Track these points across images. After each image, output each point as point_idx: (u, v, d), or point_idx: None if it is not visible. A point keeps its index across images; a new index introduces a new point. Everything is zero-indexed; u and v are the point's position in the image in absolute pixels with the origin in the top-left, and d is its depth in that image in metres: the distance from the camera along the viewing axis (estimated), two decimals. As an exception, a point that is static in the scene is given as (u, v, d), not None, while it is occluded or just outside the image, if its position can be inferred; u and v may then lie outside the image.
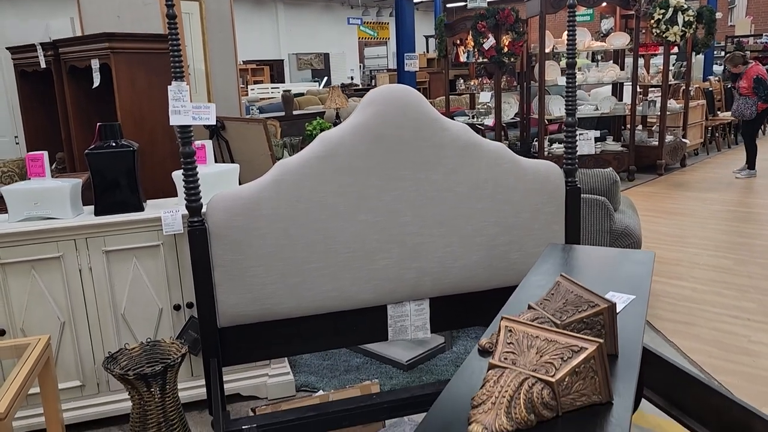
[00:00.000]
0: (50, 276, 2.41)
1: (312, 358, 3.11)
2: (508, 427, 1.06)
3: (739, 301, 3.54)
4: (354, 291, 2.38)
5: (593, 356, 1.14)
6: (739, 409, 1.92)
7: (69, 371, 2.49)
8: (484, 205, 2.49)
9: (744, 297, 3.60)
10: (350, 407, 2.20)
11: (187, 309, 2.59)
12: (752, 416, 1.88)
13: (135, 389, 1.98)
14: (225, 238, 2.21)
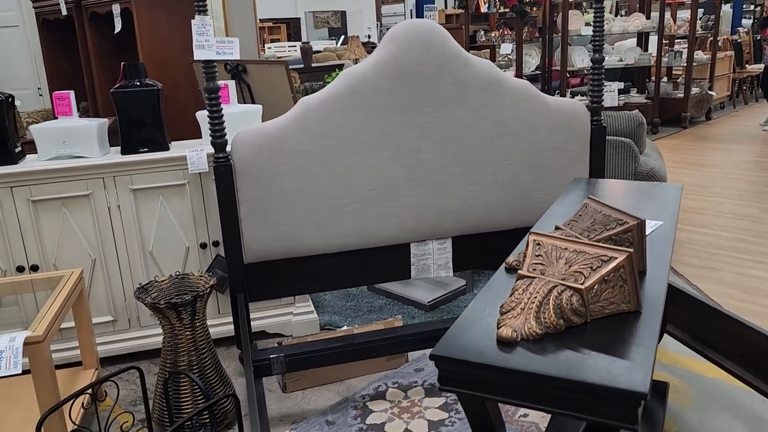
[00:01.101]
0: (80, 214, 2.46)
1: (335, 299, 3.16)
2: (537, 331, 1.08)
3: (764, 248, 3.51)
4: (377, 228, 2.40)
5: (623, 265, 1.14)
6: (765, 339, 1.93)
7: (101, 307, 2.56)
8: (508, 143, 2.47)
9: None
10: (375, 338, 2.24)
11: (213, 247, 2.63)
12: (777, 345, 1.88)
13: (166, 318, 2.03)
14: (250, 174, 2.23)
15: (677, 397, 2.21)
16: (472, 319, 1.16)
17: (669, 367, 2.40)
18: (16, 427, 1.95)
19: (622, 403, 0.92)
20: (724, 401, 2.18)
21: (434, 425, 2.12)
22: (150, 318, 2.63)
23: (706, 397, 2.21)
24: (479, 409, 1.08)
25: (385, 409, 2.22)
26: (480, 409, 1.07)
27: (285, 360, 2.16)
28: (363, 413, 2.20)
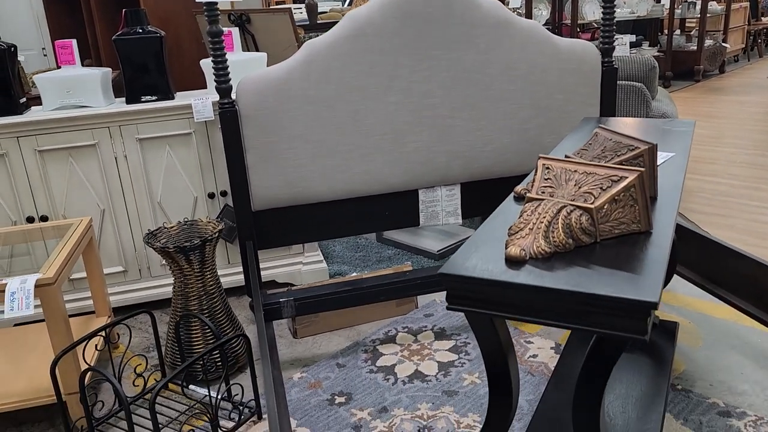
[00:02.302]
0: (87, 164, 2.46)
1: (344, 250, 3.16)
2: (546, 249, 1.07)
3: (777, 195, 3.47)
4: (385, 174, 2.38)
5: (633, 184, 1.12)
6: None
7: (111, 257, 2.58)
8: (517, 87, 2.43)
9: (782, 191, 3.52)
10: (384, 282, 2.25)
11: (221, 197, 2.63)
12: (789, 281, 1.86)
13: (175, 263, 2.04)
14: (256, 120, 2.21)
15: (686, 338, 2.21)
16: (480, 241, 1.15)
17: (678, 309, 2.40)
18: (31, 371, 1.98)
19: (633, 313, 0.91)
20: (733, 340, 2.18)
21: (444, 366, 2.13)
22: (161, 268, 2.65)
23: (715, 336, 2.21)
24: (488, 328, 1.07)
25: (395, 352, 2.23)
26: (489, 328, 1.07)
27: (295, 304, 2.18)
28: (373, 356, 2.22)
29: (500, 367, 1.10)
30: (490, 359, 1.10)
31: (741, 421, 1.78)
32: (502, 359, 1.09)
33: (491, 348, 1.11)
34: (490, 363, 1.11)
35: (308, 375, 2.14)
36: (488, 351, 1.12)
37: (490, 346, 1.10)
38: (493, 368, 1.11)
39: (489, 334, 1.08)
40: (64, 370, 1.82)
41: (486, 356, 1.11)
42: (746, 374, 1.99)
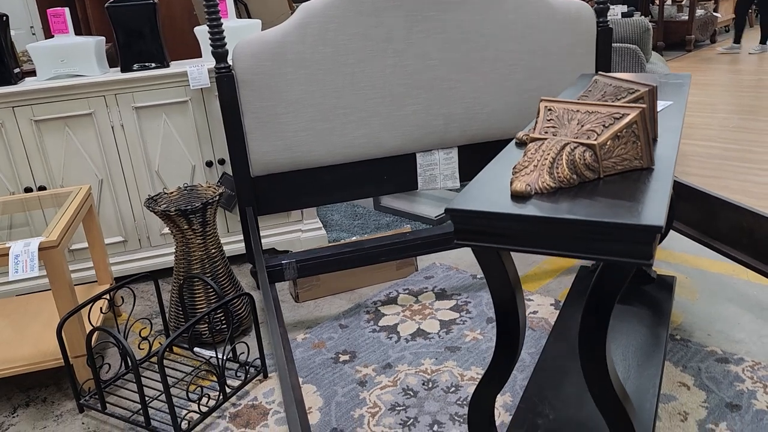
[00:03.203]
0: (84, 133, 2.45)
1: (342, 218, 3.18)
2: (551, 184, 1.08)
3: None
4: (383, 137, 2.39)
5: (635, 121, 1.13)
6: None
7: (111, 227, 2.58)
8: (513, 47, 2.43)
9: (775, 152, 3.55)
10: (384, 243, 2.26)
11: (219, 165, 2.63)
12: (785, 229, 1.89)
13: (177, 227, 2.04)
14: (253, 84, 2.20)
15: (684, 292, 2.24)
16: (484, 181, 1.17)
17: (675, 266, 2.43)
18: (36, 337, 1.99)
19: (639, 238, 0.93)
20: (729, 293, 2.21)
21: (446, 324, 2.16)
22: (161, 237, 2.66)
23: (711, 290, 2.24)
24: (495, 263, 1.09)
25: (397, 312, 2.26)
26: (496, 263, 1.09)
27: (297, 266, 2.19)
28: (375, 317, 2.24)
29: (508, 303, 1.12)
30: (497, 295, 1.12)
31: (739, 366, 1.81)
32: (510, 295, 1.11)
33: (499, 283, 1.13)
34: (498, 299, 1.13)
35: (312, 336, 2.16)
36: (496, 287, 1.13)
37: (498, 280, 1.12)
38: (501, 305, 1.13)
39: (496, 269, 1.09)
40: (69, 333, 1.83)
41: (494, 292, 1.13)
42: (743, 324, 2.03)
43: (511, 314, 1.13)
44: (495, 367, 1.19)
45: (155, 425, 1.73)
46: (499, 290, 1.13)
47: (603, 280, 1.00)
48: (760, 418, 1.61)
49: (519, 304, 1.12)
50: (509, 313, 1.13)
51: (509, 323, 1.13)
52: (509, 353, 1.17)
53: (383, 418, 1.73)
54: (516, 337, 1.14)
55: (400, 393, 1.82)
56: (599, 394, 1.07)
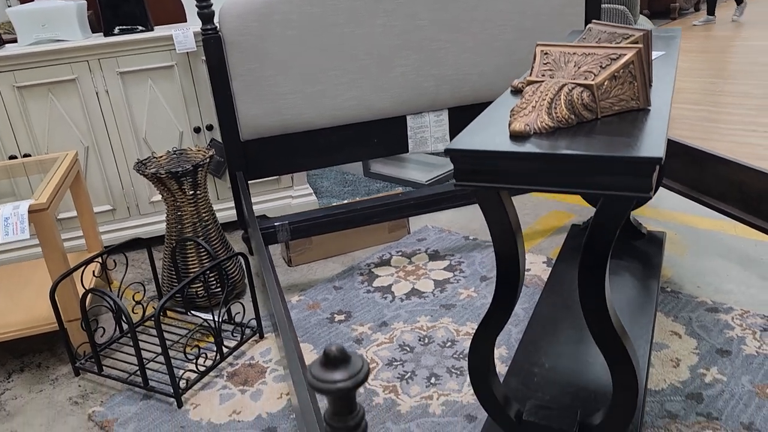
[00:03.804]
0: (68, 100, 2.40)
1: (332, 186, 3.16)
2: (549, 124, 1.08)
3: (756, 118, 3.53)
4: (373, 100, 2.37)
5: (632, 61, 1.13)
6: (761, 177, 1.96)
7: (99, 196, 2.55)
8: (502, 8, 2.41)
9: (762, 114, 3.58)
10: (377, 204, 2.26)
11: (207, 131, 2.60)
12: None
13: (167, 190, 2.02)
14: (240, 46, 2.17)
15: (673, 248, 2.27)
16: (482, 124, 1.16)
17: (664, 223, 2.45)
18: (29, 302, 1.97)
19: (638, 171, 0.94)
20: (717, 248, 2.24)
21: (440, 283, 2.17)
22: (150, 205, 2.63)
23: (700, 245, 2.27)
24: (496, 204, 1.09)
25: (391, 274, 2.26)
26: (497, 204, 1.09)
27: (290, 227, 2.18)
28: (369, 278, 2.25)
29: (508, 246, 1.12)
30: (498, 238, 1.13)
31: (728, 315, 1.85)
32: (510, 237, 1.12)
33: (499, 226, 1.13)
34: (499, 242, 1.13)
35: (306, 297, 2.17)
36: (496, 230, 1.14)
37: (499, 222, 1.12)
38: (501, 248, 1.13)
39: (497, 210, 1.10)
40: (63, 297, 1.81)
41: (494, 235, 1.13)
42: (731, 276, 2.06)
43: (511, 257, 1.14)
44: (495, 308, 1.20)
45: (153, 385, 1.73)
46: (499, 234, 1.13)
47: (603, 215, 1.01)
48: (750, 361, 1.64)
49: (519, 247, 1.13)
50: (509, 256, 1.14)
51: (509, 265, 1.14)
52: (509, 296, 1.18)
53: (381, 373, 1.74)
54: (516, 278, 1.15)
55: (396, 349, 1.84)
56: (598, 331, 1.09)
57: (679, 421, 1.47)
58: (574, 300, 1.84)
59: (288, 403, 1.66)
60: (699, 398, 1.53)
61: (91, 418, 1.67)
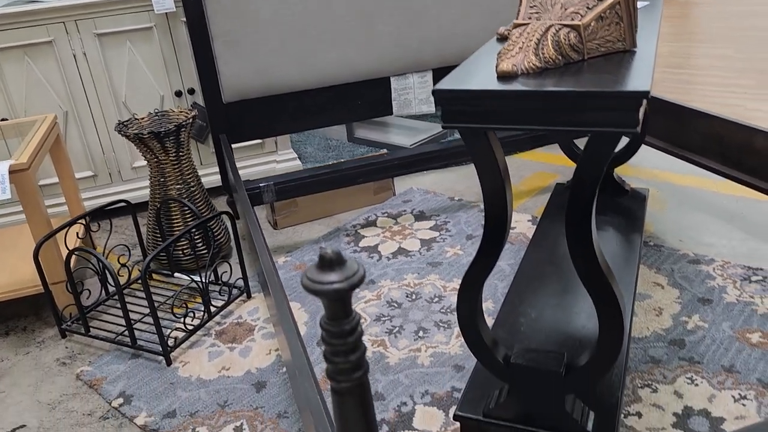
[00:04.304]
0: (45, 63, 2.35)
1: (316, 151, 3.15)
2: (537, 64, 1.08)
3: (737, 80, 3.56)
4: (356, 60, 2.35)
5: (619, 2, 1.13)
6: (741, 130, 1.99)
7: (80, 162, 2.51)
8: (486, -35, 2.39)
9: (742, 76, 3.61)
10: (362, 164, 2.25)
11: (188, 95, 2.56)
12: (754, 133, 1.94)
13: (150, 151, 2.00)
14: (220, 2, 2.13)
15: (655, 204, 2.30)
16: (469, 67, 1.16)
17: (647, 181, 2.48)
18: (12, 267, 1.95)
19: (625, 105, 0.94)
20: (697, 203, 2.28)
21: (426, 242, 2.18)
22: (132, 171, 2.60)
23: (682, 201, 2.30)
24: (484, 145, 1.09)
25: (377, 234, 2.27)
26: (484, 145, 1.09)
27: (274, 188, 2.17)
28: (355, 239, 2.25)
29: (496, 188, 1.13)
30: (486, 182, 1.13)
31: (710, 266, 1.88)
32: (498, 179, 1.12)
33: (488, 168, 1.13)
34: (487, 186, 1.13)
35: (292, 258, 2.17)
36: (484, 173, 1.13)
37: (486, 165, 1.12)
38: (489, 193, 1.14)
39: (485, 152, 1.10)
40: (47, 259, 1.79)
41: (482, 179, 1.13)
42: (712, 229, 2.09)
43: (498, 200, 1.14)
44: (483, 251, 1.20)
45: (141, 344, 1.73)
46: (487, 178, 1.13)
47: (590, 152, 1.01)
48: (731, 309, 1.68)
49: (507, 189, 1.13)
50: (496, 200, 1.14)
51: (496, 209, 1.14)
52: (497, 238, 1.18)
53: (369, 328, 1.75)
54: (503, 221, 1.15)
55: (384, 305, 1.85)
56: (585, 270, 1.10)
57: (663, 366, 1.50)
58: (560, 255, 1.86)
59: (277, 358, 1.67)
60: (681, 344, 1.57)
61: (80, 377, 1.67)
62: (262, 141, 2.72)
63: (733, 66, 3.84)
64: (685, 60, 4.09)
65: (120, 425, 1.49)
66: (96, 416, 1.53)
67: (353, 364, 0.52)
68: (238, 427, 1.45)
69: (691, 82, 3.64)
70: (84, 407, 1.56)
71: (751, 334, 1.58)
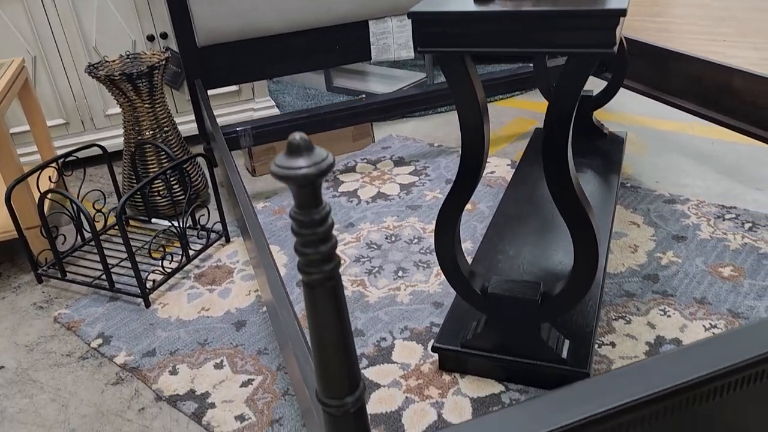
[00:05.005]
0: (10, 5, 2.26)
1: (294, 100, 3.10)
2: (514, -13, 1.06)
3: (716, 28, 3.55)
4: (334, 3, 2.29)
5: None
6: (720, 71, 1.99)
7: (51, 110, 2.45)
8: None
9: (721, 24, 3.61)
10: (341, 108, 2.23)
11: (161, 39, 2.49)
12: (732, 73, 1.94)
13: (123, 94, 1.95)
14: (192, -59, 2.06)
15: (634, 148, 2.31)
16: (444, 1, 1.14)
17: (626, 126, 2.49)
18: (-17, 213, 1.91)
19: (602, 24, 0.93)
20: (676, 147, 2.29)
21: (405, 187, 2.18)
22: (105, 119, 2.55)
23: (659, 144, 2.32)
24: (460, 72, 1.08)
25: (356, 179, 2.26)
26: (461, 70, 1.08)
27: (252, 133, 2.14)
28: (335, 184, 2.24)
29: (472, 115, 1.12)
30: (462, 109, 1.12)
31: (684, 205, 1.90)
32: (475, 108, 1.11)
33: (465, 96, 1.12)
34: (463, 114, 1.12)
35: (271, 204, 2.15)
36: (461, 98, 1.12)
37: (463, 91, 1.11)
38: (465, 117, 1.13)
39: (462, 78, 1.09)
40: (19, 203, 1.76)
41: (459, 107, 1.12)
42: (689, 171, 2.11)
43: (475, 127, 1.13)
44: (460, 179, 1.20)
45: (119, 287, 1.72)
46: (464, 105, 1.12)
47: (566, 75, 1.01)
48: (704, 245, 1.71)
49: (484, 116, 1.12)
50: (474, 127, 1.13)
51: (474, 136, 1.14)
52: (474, 166, 1.18)
53: (349, 269, 1.76)
54: (480, 148, 1.15)
55: (364, 247, 1.85)
56: (561, 197, 1.10)
57: (636, 299, 1.53)
58: (539, 196, 1.87)
59: (257, 299, 1.67)
60: (655, 278, 1.60)
61: (57, 320, 1.66)
62: (239, 88, 2.67)
63: (712, 14, 3.83)
64: (665, 9, 4.07)
65: (99, 365, 1.50)
66: (75, 356, 1.53)
67: (324, 255, 0.51)
68: (218, 363, 1.45)
69: (670, 30, 3.62)
70: (63, 348, 1.56)
71: (723, 268, 1.61)
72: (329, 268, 0.52)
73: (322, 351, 0.56)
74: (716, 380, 0.69)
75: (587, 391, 0.68)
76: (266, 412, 1.31)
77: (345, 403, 0.58)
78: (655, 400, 0.67)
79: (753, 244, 1.69)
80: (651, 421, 0.69)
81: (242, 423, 1.29)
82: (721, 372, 0.69)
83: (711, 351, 0.71)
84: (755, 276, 1.57)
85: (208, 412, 1.32)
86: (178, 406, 1.35)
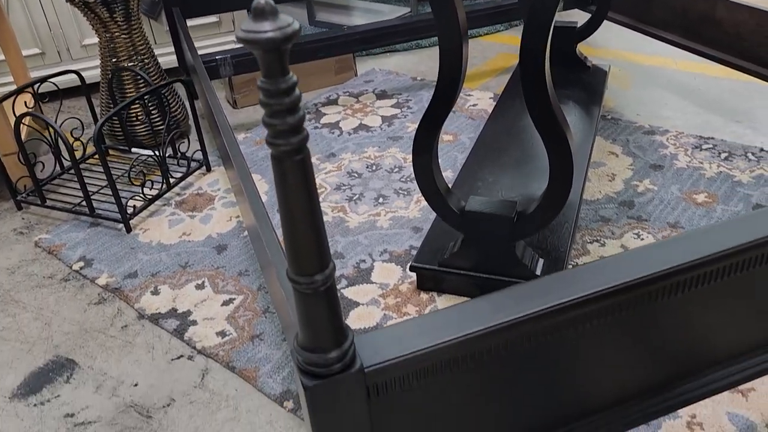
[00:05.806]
0: (-23, -75, 2.18)
1: (277, 34, 3.05)
2: None
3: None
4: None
5: None
6: (703, 0, 1.97)
7: (25, 39, 2.38)
8: None
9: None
10: (323, 38, 2.19)
11: (137, -33, 2.41)
12: (715, 3, 1.93)
13: (98, 19, 1.90)
14: None
15: (617, 81, 2.31)
16: None
17: (610, 60, 2.48)
18: (-41, 140, 1.88)
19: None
20: (659, 81, 2.29)
21: (387, 119, 2.17)
22: (82, 49, 2.49)
23: (643, 79, 2.32)
24: None
25: (338, 112, 2.24)
26: None
27: (232, 61, 2.11)
28: (317, 116, 2.23)
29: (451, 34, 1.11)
30: (442, 29, 1.11)
31: (663, 136, 1.92)
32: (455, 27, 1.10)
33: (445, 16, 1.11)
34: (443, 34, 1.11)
35: (252, 135, 2.14)
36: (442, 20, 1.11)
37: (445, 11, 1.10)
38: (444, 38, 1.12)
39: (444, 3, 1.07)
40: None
41: (440, 27, 1.11)
42: (670, 104, 2.12)
43: (454, 50, 1.12)
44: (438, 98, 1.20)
45: (100, 213, 1.72)
46: (445, 24, 1.11)
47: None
48: (681, 174, 1.73)
49: (464, 38, 1.11)
50: (453, 48, 1.12)
51: (452, 59, 1.13)
52: (450, 91, 1.18)
53: (329, 196, 1.77)
54: (457, 74, 1.15)
55: (344, 176, 1.86)
56: (538, 111, 1.11)
57: (612, 224, 1.56)
58: (520, 127, 1.87)
59: (238, 224, 1.68)
60: (631, 204, 1.63)
61: (38, 244, 1.66)
62: (219, 19, 2.62)
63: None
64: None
65: (81, 286, 1.51)
66: (57, 279, 1.54)
67: (291, 126, 0.52)
68: (199, 284, 1.47)
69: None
70: (44, 271, 1.57)
71: (698, 195, 1.64)
72: (297, 140, 0.53)
73: (292, 227, 0.57)
74: (673, 276, 0.71)
75: (550, 284, 0.71)
76: (247, 328, 1.33)
77: (314, 281, 0.59)
78: (614, 293, 0.70)
79: (728, 172, 1.72)
80: (610, 315, 0.71)
81: (223, 338, 1.31)
82: (679, 268, 0.71)
83: (674, 248, 0.74)
84: (728, 202, 1.60)
85: (190, 328, 1.35)
86: (160, 324, 1.37)
